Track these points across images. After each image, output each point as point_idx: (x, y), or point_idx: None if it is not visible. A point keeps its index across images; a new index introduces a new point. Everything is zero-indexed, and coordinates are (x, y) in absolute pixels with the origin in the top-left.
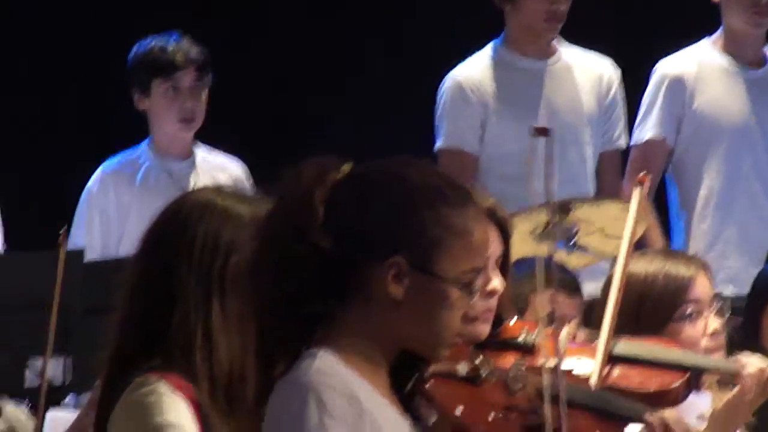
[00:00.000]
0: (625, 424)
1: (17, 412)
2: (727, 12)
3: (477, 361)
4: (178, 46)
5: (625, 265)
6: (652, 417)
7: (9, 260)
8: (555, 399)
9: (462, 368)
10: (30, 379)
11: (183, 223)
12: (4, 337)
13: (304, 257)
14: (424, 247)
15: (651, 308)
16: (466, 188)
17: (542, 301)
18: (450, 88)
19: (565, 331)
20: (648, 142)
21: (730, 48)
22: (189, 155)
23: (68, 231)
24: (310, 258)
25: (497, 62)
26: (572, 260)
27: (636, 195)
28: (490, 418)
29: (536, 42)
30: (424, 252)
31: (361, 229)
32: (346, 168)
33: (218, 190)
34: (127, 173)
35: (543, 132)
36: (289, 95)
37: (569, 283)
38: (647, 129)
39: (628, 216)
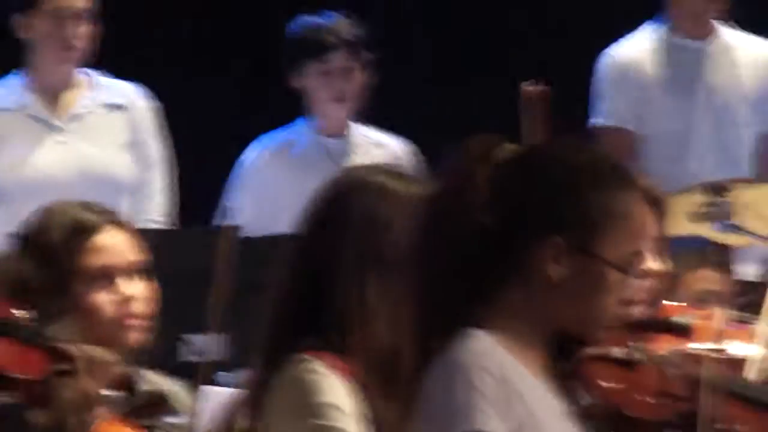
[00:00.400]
0: None
1: (176, 387)
2: None
3: (632, 345)
4: (331, 26)
5: None
6: None
7: (169, 235)
8: (713, 388)
9: (617, 351)
10: (185, 354)
11: (340, 201)
12: (162, 312)
13: (466, 235)
14: (585, 229)
15: None
16: (629, 171)
17: (698, 280)
18: (608, 65)
19: (721, 315)
20: None
21: None
22: (345, 132)
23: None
24: (473, 236)
25: (657, 41)
26: (729, 241)
27: None
28: (644, 402)
29: (697, 22)
30: (585, 234)
31: (523, 208)
32: (511, 146)
33: (375, 167)
34: (283, 150)
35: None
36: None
37: (723, 261)
38: None
39: None
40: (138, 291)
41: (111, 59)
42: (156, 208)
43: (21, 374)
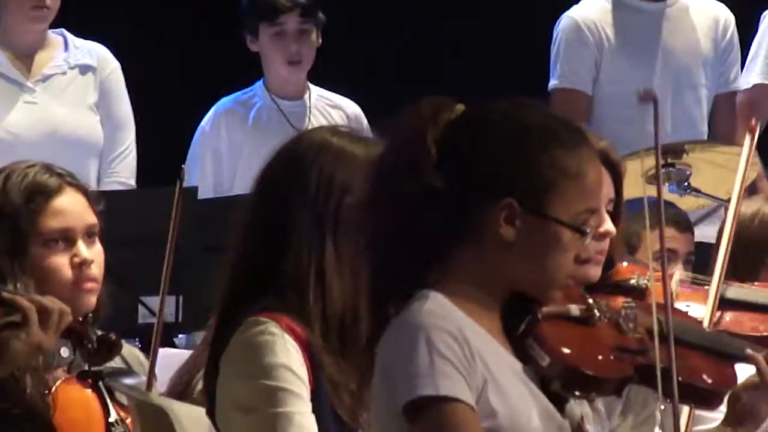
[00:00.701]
0: (735, 362)
1: (133, 349)
2: None
3: (589, 302)
4: None
5: (736, 210)
6: (753, 352)
7: (124, 196)
8: (665, 339)
9: (574, 309)
10: (142, 316)
11: (297, 162)
12: (118, 274)
13: (416, 196)
14: (537, 189)
15: (743, 251)
16: (580, 130)
17: (653, 239)
18: (566, 27)
19: (677, 274)
20: (755, 87)
21: None
22: (302, 95)
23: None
24: (423, 197)
25: (615, 3)
26: (685, 202)
27: (747, 142)
28: (601, 359)
29: None
30: (537, 194)
31: (473, 169)
32: (460, 108)
33: (333, 129)
34: (240, 113)
35: (649, 97)
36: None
37: (680, 219)
38: (755, 73)
39: (740, 162)
40: (93, 253)
41: (75, 18)
42: (124, 169)
43: None
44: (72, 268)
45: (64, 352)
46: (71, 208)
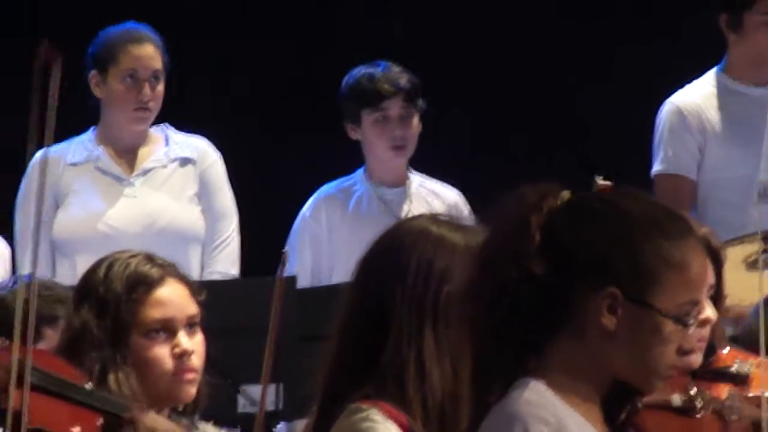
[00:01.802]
0: None
1: None
2: None
3: (692, 392)
4: (385, 75)
5: None
6: None
7: (225, 286)
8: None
9: (676, 399)
10: (242, 405)
11: (397, 250)
12: (219, 363)
13: (519, 282)
14: (640, 279)
15: None
16: (684, 220)
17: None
18: (670, 113)
19: None
20: None
21: None
22: (403, 182)
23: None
24: (525, 284)
25: (719, 88)
26: None
27: None
28: None
29: (759, 69)
30: (640, 284)
31: (576, 257)
32: (566, 195)
33: (433, 217)
34: (340, 199)
35: None
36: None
37: None
38: None
39: None
40: (194, 344)
41: (177, 113)
42: (225, 259)
43: None
44: (173, 359)
45: None
46: (173, 298)
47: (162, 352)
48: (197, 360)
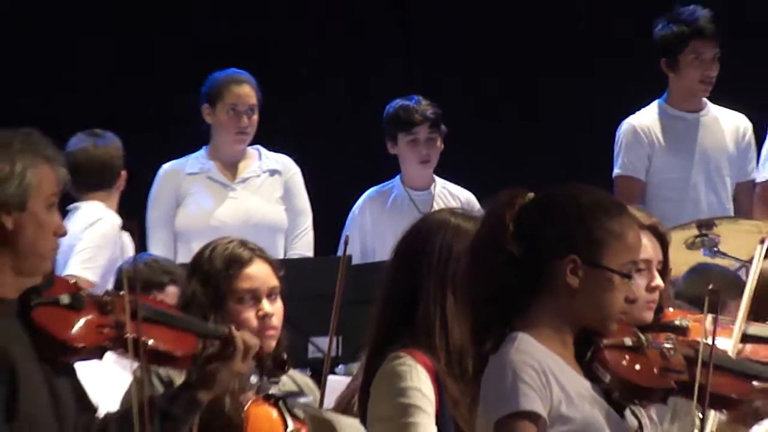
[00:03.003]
0: (753, 379)
1: (304, 377)
2: None
3: (639, 335)
4: (416, 107)
5: (756, 272)
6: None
7: (301, 263)
8: (702, 363)
9: (627, 340)
10: (312, 352)
11: (424, 237)
12: (295, 320)
13: (501, 262)
14: (592, 247)
15: (762, 299)
16: (620, 203)
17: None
18: (627, 130)
19: (710, 317)
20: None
21: None
22: (429, 186)
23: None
24: (506, 262)
25: (661, 113)
26: (716, 263)
27: (758, 250)
28: (649, 374)
29: (692, 100)
30: (593, 251)
31: (543, 237)
32: (530, 194)
33: (451, 211)
34: (381, 199)
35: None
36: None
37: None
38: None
39: (756, 253)
40: (275, 309)
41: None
42: (303, 245)
43: (180, 352)
44: (257, 320)
45: (253, 378)
46: (258, 274)
47: (249, 315)
48: (276, 320)
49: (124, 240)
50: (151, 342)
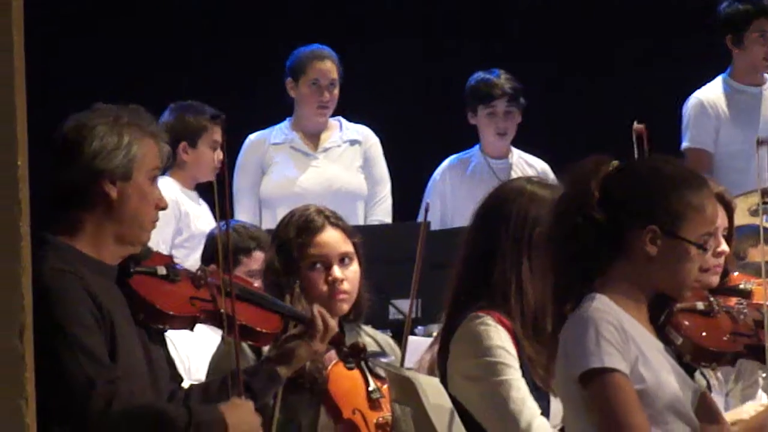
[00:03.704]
0: None
1: (386, 337)
2: None
3: (711, 300)
4: (496, 80)
5: None
6: None
7: (381, 229)
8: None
9: (699, 305)
10: (393, 313)
11: (502, 203)
12: (376, 282)
13: (584, 226)
14: (671, 218)
15: None
16: (701, 176)
17: (759, 254)
18: (694, 104)
19: None
20: None
21: None
22: (506, 155)
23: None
24: (589, 227)
25: (726, 87)
26: None
27: None
28: (720, 339)
29: (754, 75)
30: (672, 221)
31: (625, 206)
32: (615, 163)
33: (528, 179)
34: (460, 168)
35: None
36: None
37: None
38: None
39: None
40: (346, 274)
41: (347, 108)
42: (382, 212)
43: (265, 330)
44: (326, 285)
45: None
46: (329, 240)
47: (319, 280)
48: (348, 285)
49: (186, 209)
50: (239, 318)
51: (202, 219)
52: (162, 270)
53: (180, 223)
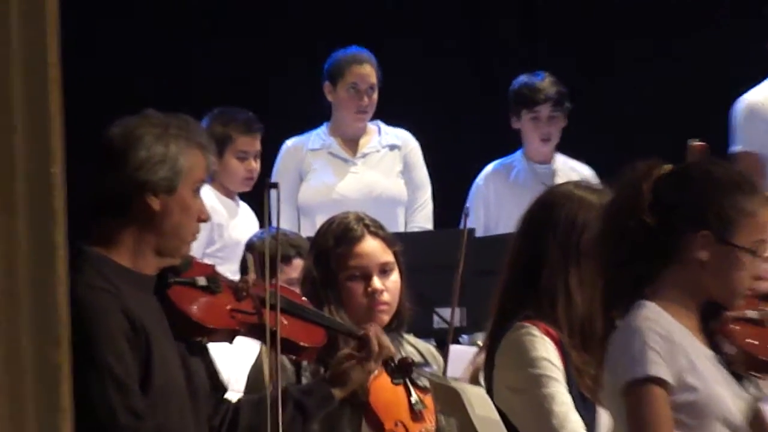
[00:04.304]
0: None
1: (429, 347)
2: None
3: (764, 309)
4: (541, 84)
5: None
6: None
7: (422, 236)
8: None
9: (751, 313)
10: (436, 322)
11: (550, 208)
12: (419, 291)
13: (635, 230)
14: (724, 224)
15: None
16: (754, 181)
17: None
18: (743, 107)
19: None
20: None
21: None
22: (549, 161)
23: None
24: (640, 231)
25: None
26: None
27: None
28: None
29: None
30: (725, 228)
31: (678, 210)
32: (668, 167)
33: (575, 183)
34: (503, 173)
35: None
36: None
37: None
38: None
39: None
40: (386, 284)
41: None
42: (422, 218)
43: (308, 344)
44: (366, 296)
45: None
46: (369, 251)
47: (359, 291)
48: (388, 296)
49: (219, 220)
50: (282, 332)
51: (238, 228)
52: (202, 281)
53: (213, 233)
